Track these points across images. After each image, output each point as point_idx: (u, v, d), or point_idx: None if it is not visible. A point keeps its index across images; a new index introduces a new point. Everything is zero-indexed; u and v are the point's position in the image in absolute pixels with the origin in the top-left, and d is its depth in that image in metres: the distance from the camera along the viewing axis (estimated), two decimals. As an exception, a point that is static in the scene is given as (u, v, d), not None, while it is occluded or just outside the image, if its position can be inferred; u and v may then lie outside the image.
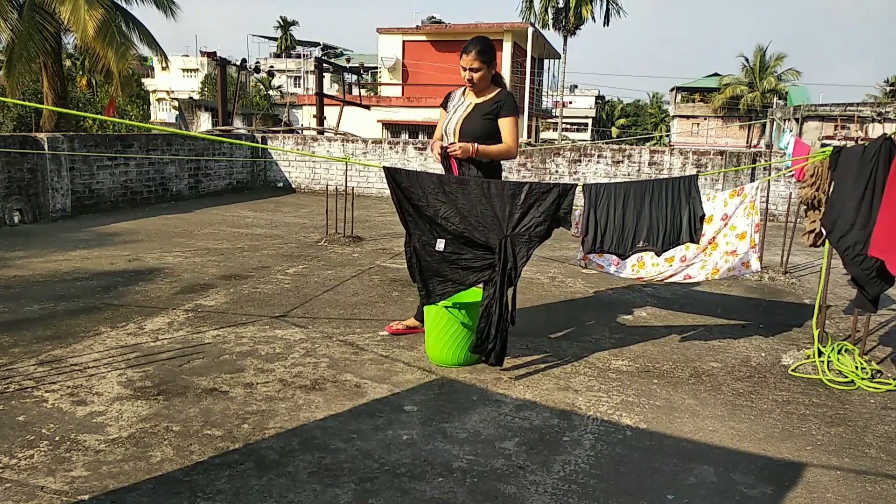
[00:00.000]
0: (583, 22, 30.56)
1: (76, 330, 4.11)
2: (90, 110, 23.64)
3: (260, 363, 3.66)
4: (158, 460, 2.59)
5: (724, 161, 11.07)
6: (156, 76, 42.00)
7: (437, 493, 2.43)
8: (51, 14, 13.12)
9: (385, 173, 3.47)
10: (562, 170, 12.02)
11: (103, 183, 9.56)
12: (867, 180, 3.48)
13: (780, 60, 43.07)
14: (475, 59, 3.68)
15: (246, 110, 29.50)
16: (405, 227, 3.52)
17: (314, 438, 2.82)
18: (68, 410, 2.99)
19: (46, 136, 8.67)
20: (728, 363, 3.93)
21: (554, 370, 3.71)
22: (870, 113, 19.92)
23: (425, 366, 3.70)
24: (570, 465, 2.67)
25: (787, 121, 21.42)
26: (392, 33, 25.86)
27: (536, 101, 30.07)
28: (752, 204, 4.15)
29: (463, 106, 3.83)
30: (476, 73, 3.71)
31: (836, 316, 5.02)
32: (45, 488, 2.38)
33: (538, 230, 3.39)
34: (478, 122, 3.75)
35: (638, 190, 3.57)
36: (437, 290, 3.53)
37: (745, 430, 3.05)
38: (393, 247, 7.36)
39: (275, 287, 5.36)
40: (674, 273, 4.45)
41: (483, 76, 3.73)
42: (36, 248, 6.67)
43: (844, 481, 2.63)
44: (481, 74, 3.72)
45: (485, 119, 3.75)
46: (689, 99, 50.21)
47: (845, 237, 3.60)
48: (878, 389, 3.55)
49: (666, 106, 60.66)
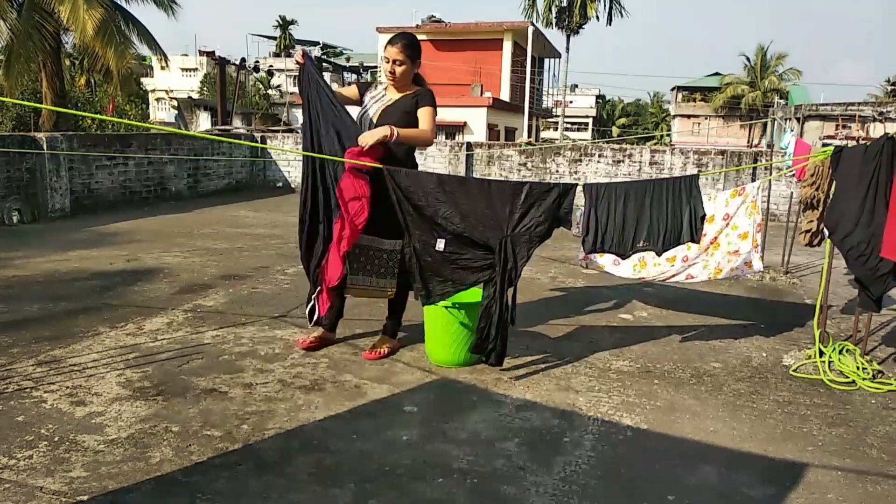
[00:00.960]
0: (587, 20, 30.47)
1: (75, 330, 4.10)
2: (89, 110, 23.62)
3: (259, 363, 3.65)
4: (157, 461, 2.58)
5: (725, 161, 11.06)
6: (155, 76, 41.95)
7: (436, 494, 2.42)
8: (50, 13, 13.11)
9: (385, 173, 3.46)
10: (562, 169, 12.01)
11: (102, 183, 9.55)
12: (870, 180, 3.47)
13: (782, 60, 43.05)
14: (400, 51, 3.60)
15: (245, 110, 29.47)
16: (405, 227, 3.49)
17: (314, 439, 2.81)
18: (67, 411, 2.98)
19: (45, 136, 8.66)
20: (729, 363, 3.93)
21: (554, 370, 3.70)
22: (871, 112, 19.91)
23: (425, 366, 3.69)
24: (571, 466, 2.66)
25: (788, 120, 21.40)
26: (392, 32, 25.80)
27: (537, 101, 30.07)
28: (753, 204, 4.14)
29: (383, 99, 3.73)
30: (399, 66, 3.61)
31: (837, 316, 5.01)
32: (44, 489, 2.37)
33: (538, 230, 3.38)
34: (397, 115, 3.62)
35: (639, 190, 3.56)
36: (436, 291, 3.51)
37: (747, 430, 3.04)
38: (393, 246, 7.34)
39: (274, 287, 5.34)
40: (675, 273, 4.44)
41: (406, 71, 3.65)
42: (35, 247, 6.66)
43: (846, 482, 2.62)
44: (404, 69, 3.63)
45: (405, 114, 3.63)
46: (690, 98, 50.18)
47: (849, 237, 3.59)
48: (880, 390, 3.54)
49: (667, 105, 60.62)
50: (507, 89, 26.01)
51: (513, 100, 26.40)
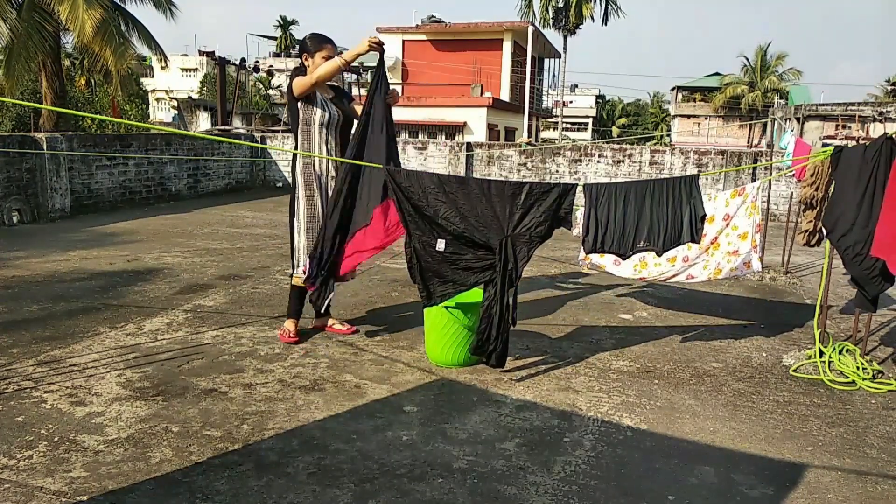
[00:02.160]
0: (583, 21, 30.49)
1: (75, 330, 4.10)
2: (89, 110, 23.63)
3: (259, 364, 3.65)
4: (157, 461, 2.58)
5: (725, 161, 11.06)
6: (155, 76, 41.96)
7: (436, 494, 2.42)
8: (49, 13, 13.11)
9: (385, 174, 3.46)
10: (562, 169, 12.01)
11: (102, 183, 9.55)
12: (868, 180, 3.47)
13: (782, 60, 43.04)
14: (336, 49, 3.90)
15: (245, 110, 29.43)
16: (405, 227, 3.50)
17: (314, 439, 2.81)
18: (67, 411, 2.98)
19: (45, 136, 8.66)
20: (729, 363, 3.92)
21: (554, 371, 3.70)
22: (871, 112, 19.91)
23: (425, 366, 3.69)
24: (571, 466, 2.66)
25: (788, 120, 21.41)
26: (392, 32, 25.84)
27: (536, 101, 30.06)
28: (753, 204, 4.14)
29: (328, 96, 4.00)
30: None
31: (837, 316, 5.01)
32: (43, 489, 2.37)
33: (539, 230, 3.38)
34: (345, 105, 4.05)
35: (639, 190, 3.56)
36: (437, 292, 3.51)
37: (746, 430, 3.04)
38: (392, 247, 7.33)
39: (274, 287, 5.34)
40: (676, 273, 4.44)
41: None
42: (35, 248, 6.66)
43: (846, 482, 2.62)
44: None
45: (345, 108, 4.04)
46: (690, 98, 50.16)
47: (846, 237, 3.59)
48: (880, 390, 3.54)
49: (666, 105, 60.62)
50: (507, 89, 26.00)
51: (513, 100, 26.40)
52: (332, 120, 3.90)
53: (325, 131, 3.89)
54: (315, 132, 3.89)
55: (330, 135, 3.92)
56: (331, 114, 3.90)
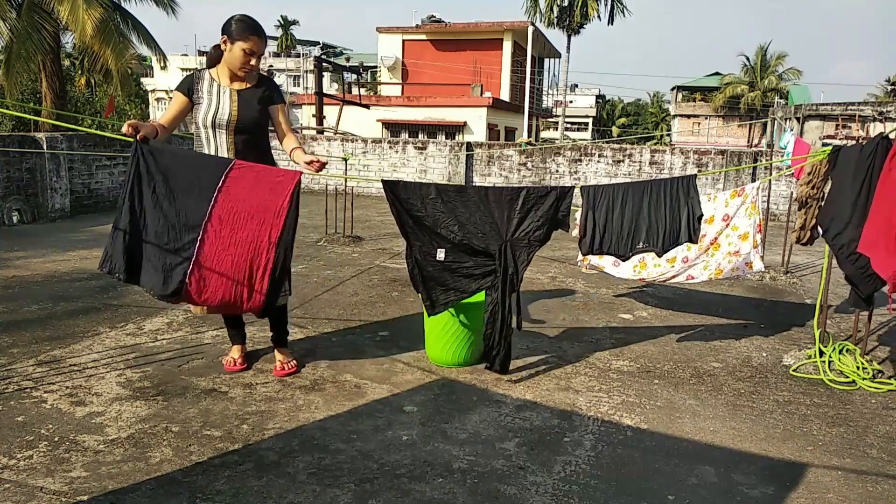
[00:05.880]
0: (589, 20, 30.42)
1: (75, 330, 4.10)
2: (89, 110, 23.60)
3: (259, 363, 3.64)
4: (157, 461, 2.58)
5: (725, 160, 11.05)
6: (155, 75, 41.96)
7: (437, 494, 2.42)
8: (49, 13, 13.10)
9: (384, 186, 3.42)
10: (562, 169, 12.01)
11: (102, 183, 9.54)
12: (863, 179, 3.47)
13: (782, 59, 43.03)
14: (264, 43, 3.35)
15: (245, 110, 29.45)
16: (406, 238, 3.48)
17: (314, 439, 2.81)
18: (67, 411, 2.98)
19: (45, 136, 8.65)
20: (729, 363, 3.92)
21: (554, 370, 3.70)
22: (871, 112, 19.92)
23: (425, 366, 3.69)
24: (571, 466, 2.66)
25: (787, 120, 21.41)
26: (392, 32, 25.84)
27: (537, 101, 30.05)
28: (753, 205, 4.15)
29: (226, 94, 3.31)
30: (259, 59, 3.34)
31: (837, 316, 5.01)
32: (44, 489, 2.37)
33: (537, 234, 3.38)
34: (254, 110, 3.33)
35: (636, 190, 3.56)
36: (440, 300, 3.50)
37: (746, 430, 3.04)
38: (392, 247, 7.35)
39: (274, 287, 5.33)
40: (676, 274, 4.44)
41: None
42: (35, 248, 6.66)
43: (846, 482, 2.62)
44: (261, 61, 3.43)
45: (260, 106, 3.37)
46: (690, 98, 50.19)
47: (840, 235, 3.60)
48: (880, 389, 3.54)
49: (667, 105, 60.62)
50: (507, 89, 25.99)
51: (513, 100, 26.38)
52: (220, 119, 3.27)
53: (211, 133, 3.31)
54: (201, 134, 3.35)
55: (219, 138, 3.32)
56: (218, 111, 3.27)
